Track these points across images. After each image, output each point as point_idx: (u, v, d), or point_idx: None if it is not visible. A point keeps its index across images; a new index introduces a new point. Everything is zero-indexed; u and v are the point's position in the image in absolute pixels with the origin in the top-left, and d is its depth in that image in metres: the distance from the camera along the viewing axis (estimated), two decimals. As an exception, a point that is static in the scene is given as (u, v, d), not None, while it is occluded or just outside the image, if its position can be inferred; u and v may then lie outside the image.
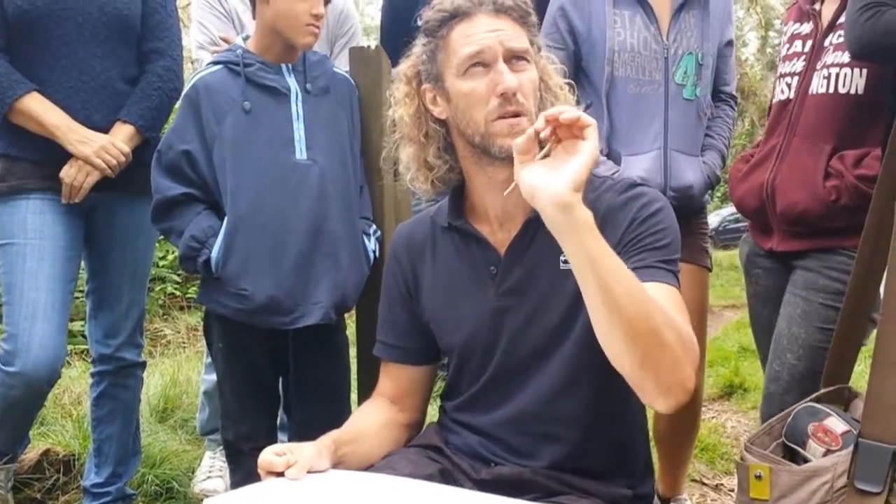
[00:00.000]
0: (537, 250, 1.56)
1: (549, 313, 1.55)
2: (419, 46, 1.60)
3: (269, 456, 1.45)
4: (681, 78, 2.39)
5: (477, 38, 1.50)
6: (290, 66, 2.16)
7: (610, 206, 1.54)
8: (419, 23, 2.58)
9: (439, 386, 1.96)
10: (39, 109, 2.25)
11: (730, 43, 2.58)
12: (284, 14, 2.08)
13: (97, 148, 2.27)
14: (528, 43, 1.53)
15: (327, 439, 1.56)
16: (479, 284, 1.61)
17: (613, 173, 2.31)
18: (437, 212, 1.72)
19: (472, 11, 1.50)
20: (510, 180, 1.39)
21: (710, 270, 2.60)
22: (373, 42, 2.85)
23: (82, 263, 2.51)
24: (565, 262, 1.54)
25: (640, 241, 1.49)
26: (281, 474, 1.43)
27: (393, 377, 1.75)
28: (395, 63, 2.35)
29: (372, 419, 1.70)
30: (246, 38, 2.22)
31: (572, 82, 1.64)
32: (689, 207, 2.43)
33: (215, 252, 2.04)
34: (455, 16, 1.51)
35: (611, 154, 2.39)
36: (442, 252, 1.68)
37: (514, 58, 1.50)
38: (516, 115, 1.48)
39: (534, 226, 1.56)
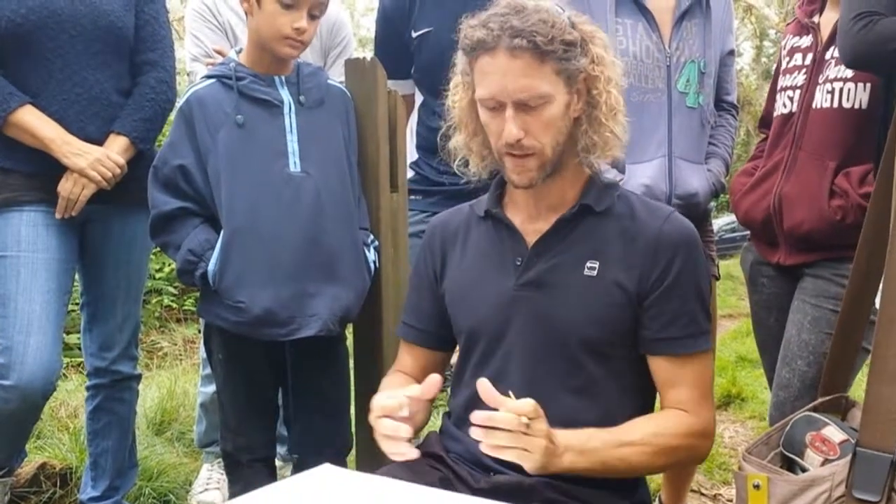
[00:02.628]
0: (565, 250, 1.61)
1: (562, 314, 1.58)
2: (460, 53, 1.62)
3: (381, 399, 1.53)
4: (683, 86, 2.40)
5: (490, 81, 1.53)
6: (283, 78, 2.16)
7: (649, 233, 1.59)
8: (414, 35, 2.61)
9: (441, 397, 1.97)
10: (34, 122, 2.24)
11: (731, 52, 2.59)
12: (267, 25, 2.08)
13: (92, 160, 2.27)
14: (552, 77, 1.52)
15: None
16: (502, 272, 1.65)
17: (618, 182, 2.31)
18: (476, 202, 1.78)
19: (494, 45, 1.50)
20: (537, 189, 1.62)
21: (717, 279, 2.60)
22: (368, 53, 2.85)
23: (77, 276, 2.50)
24: (591, 268, 1.57)
25: (678, 305, 1.58)
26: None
27: (413, 356, 1.83)
28: (390, 74, 2.36)
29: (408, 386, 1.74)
30: (239, 52, 2.21)
31: (621, 98, 1.63)
32: (694, 215, 2.43)
33: (212, 265, 2.04)
34: (479, 47, 1.53)
35: (615, 162, 2.39)
36: (474, 238, 1.74)
37: (526, 104, 1.52)
38: (524, 155, 1.55)
39: (566, 225, 1.62)
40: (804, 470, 1.63)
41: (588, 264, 1.59)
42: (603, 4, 2.36)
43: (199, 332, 3.58)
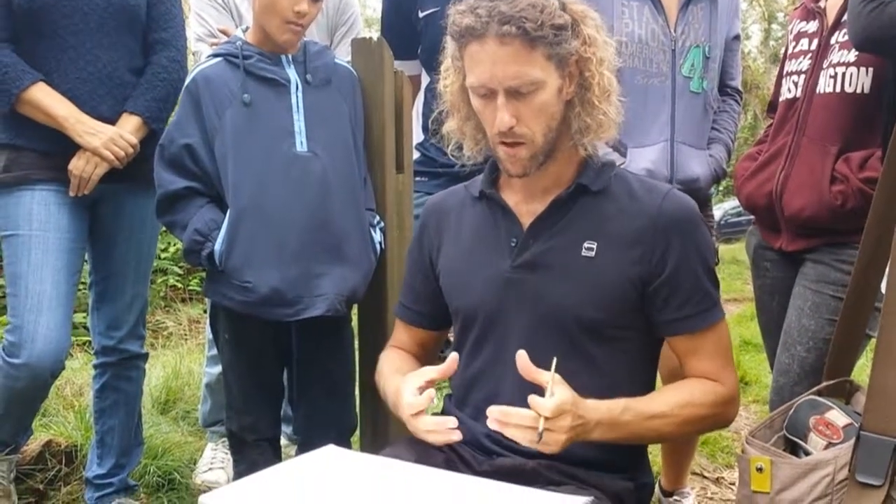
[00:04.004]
0: (561, 231, 1.60)
1: (559, 295, 1.57)
2: (449, 40, 1.61)
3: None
4: (688, 70, 2.39)
5: (480, 69, 1.51)
6: (290, 57, 2.15)
7: (648, 212, 1.58)
8: (420, 15, 2.60)
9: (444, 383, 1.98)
10: (47, 100, 2.25)
11: (737, 37, 2.59)
12: (267, 10, 2.08)
13: (105, 140, 2.27)
14: (542, 62, 1.51)
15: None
16: (497, 254, 1.64)
17: (619, 165, 2.30)
18: (472, 182, 1.77)
19: (483, 32, 1.49)
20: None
21: (716, 263, 2.60)
22: (375, 33, 2.84)
23: (86, 255, 2.51)
24: (589, 248, 1.57)
25: (689, 283, 1.58)
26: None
27: (409, 334, 1.87)
28: (396, 54, 2.35)
29: (409, 364, 1.79)
30: (246, 30, 2.21)
31: (614, 79, 1.63)
32: (695, 200, 2.42)
33: (218, 245, 2.04)
34: (469, 34, 1.51)
35: (617, 145, 2.38)
36: (468, 219, 1.73)
37: (517, 91, 1.51)
38: (515, 143, 1.54)
39: (562, 205, 1.61)
40: (807, 453, 1.63)
41: (586, 245, 1.58)
42: None
43: (205, 311, 3.59)
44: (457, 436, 1.52)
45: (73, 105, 2.27)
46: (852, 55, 2.07)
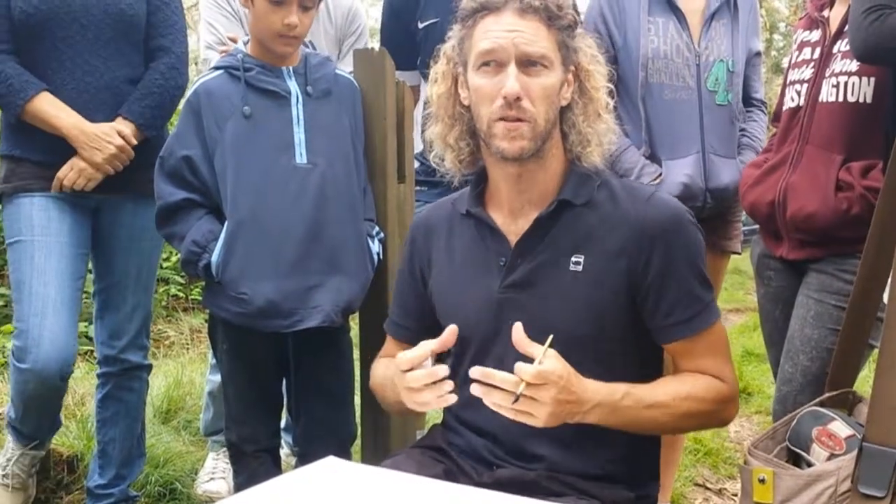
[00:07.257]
0: (548, 247, 1.58)
1: (551, 312, 1.55)
2: (455, 30, 1.62)
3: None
4: (713, 85, 2.46)
5: (493, 35, 1.52)
6: (291, 68, 2.16)
7: (632, 218, 1.56)
8: (420, 26, 2.61)
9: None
10: (51, 111, 2.26)
11: (758, 54, 2.67)
12: (259, 24, 2.10)
13: (108, 156, 2.28)
14: (554, 46, 1.53)
15: None
16: (486, 274, 1.62)
17: (657, 177, 2.39)
18: (459, 197, 1.74)
19: (500, 7, 1.52)
20: (520, 177, 1.57)
21: (737, 253, 2.70)
22: (375, 44, 2.85)
23: (90, 265, 2.51)
24: (576, 263, 1.55)
25: (677, 288, 1.55)
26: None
27: (400, 350, 1.77)
28: (396, 65, 2.36)
29: None
30: (247, 42, 2.22)
31: (611, 86, 1.65)
32: (724, 205, 2.54)
33: (215, 256, 2.04)
34: (484, 8, 1.53)
35: (653, 157, 2.45)
36: (457, 237, 1.70)
37: (528, 62, 1.51)
38: (518, 119, 1.51)
39: (546, 222, 1.58)
40: (810, 465, 1.62)
41: (573, 259, 1.55)
42: (636, 2, 2.42)
43: (206, 321, 3.59)
44: (453, 398, 1.47)
45: (77, 115, 2.28)
46: (854, 64, 2.07)
